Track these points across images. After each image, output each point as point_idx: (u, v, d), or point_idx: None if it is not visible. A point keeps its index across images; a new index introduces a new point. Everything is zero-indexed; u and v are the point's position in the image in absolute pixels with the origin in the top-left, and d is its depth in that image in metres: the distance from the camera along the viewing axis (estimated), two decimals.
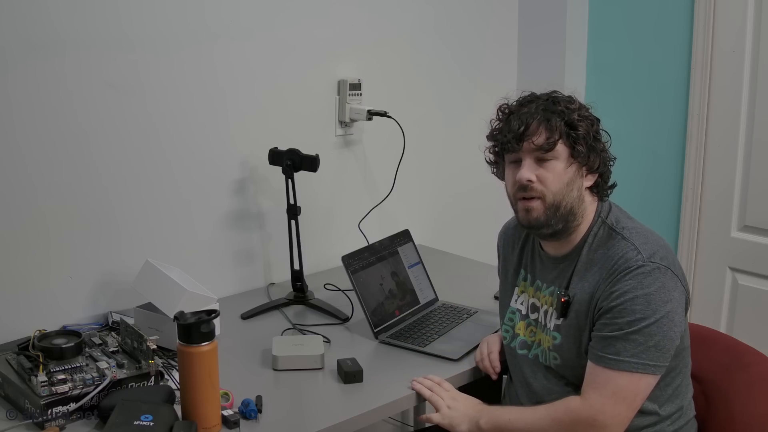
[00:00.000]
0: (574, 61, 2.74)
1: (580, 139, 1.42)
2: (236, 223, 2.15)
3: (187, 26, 1.94)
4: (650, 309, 1.34)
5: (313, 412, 1.50)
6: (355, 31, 2.31)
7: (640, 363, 1.35)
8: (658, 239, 1.43)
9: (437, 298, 2.04)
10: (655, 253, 1.38)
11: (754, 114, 2.35)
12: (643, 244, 1.40)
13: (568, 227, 1.46)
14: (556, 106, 1.44)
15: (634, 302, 1.35)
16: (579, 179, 1.45)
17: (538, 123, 1.43)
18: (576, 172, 1.44)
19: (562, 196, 1.43)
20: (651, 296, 1.35)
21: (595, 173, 1.47)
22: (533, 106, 1.45)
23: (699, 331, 1.69)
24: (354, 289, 1.83)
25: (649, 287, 1.35)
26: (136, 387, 1.44)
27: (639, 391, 1.37)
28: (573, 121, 1.42)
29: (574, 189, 1.44)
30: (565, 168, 1.43)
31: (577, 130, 1.42)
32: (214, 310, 1.37)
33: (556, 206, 1.43)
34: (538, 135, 1.42)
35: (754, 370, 1.53)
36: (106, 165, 1.86)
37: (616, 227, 1.45)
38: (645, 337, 1.34)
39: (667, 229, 2.59)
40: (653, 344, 1.35)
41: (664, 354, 1.36)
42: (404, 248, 2.03)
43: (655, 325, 1.34)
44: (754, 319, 2.42)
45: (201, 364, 1.33)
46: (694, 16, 2.42)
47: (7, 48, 1.66)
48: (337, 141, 2.33)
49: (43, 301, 1.80)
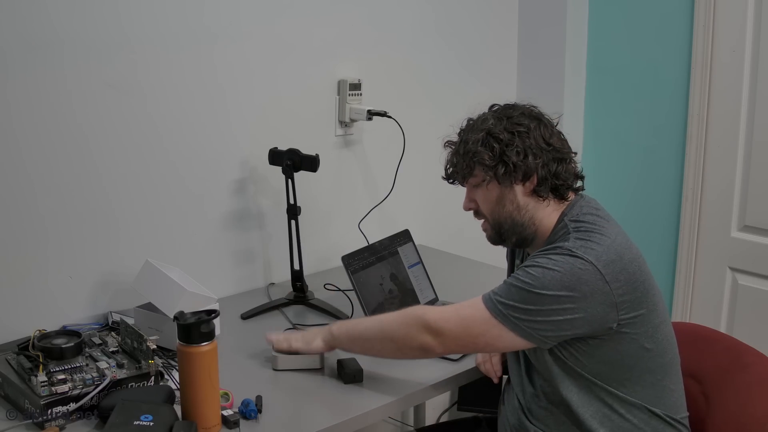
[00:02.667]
0: (574, 62, 2.74)
1: (487, 161, 1.48)
2: (236, 223, 2.15)
3: (187, 26, 1.94)
4: (548, 287, 1.34)
5: (313, 412, 1.50)
6: (355, 31, 2.31)
7: (506, 315, 1.37)
8: (607, 239, 1.39)
9: (437, 298, 2.04)
10: (583, 249, 1.36)
11: (754, 114, 2.35)
12: (580, 239, 1.39)
13: (525, 236, 1.51)
14: (465, 134, 1.53)
15: (534, 268, 1.37)
16: (508, 193, 1.49)
17: (454, 168, 1.56)
18: (503, 189, 1.49)
19: (498, 214, 1.52)
20: (553, 273, 1.35)
21: (532, 180, 1.47)
22: (451, 152, 1.57)
23: (699, 331, 1.69)
24: (354, 289, 1.83)
25: (557, 266, 1.35)
26: (136, 387, 1.44)
27: (485, 333, 1.40)
28: (476, 153, 1.49)
29: (506, 203, 1.50)
30: (489, 190, 1.51)
31: (482, 157, 1.48)
32: (214, 310, 1.37)
33: (499, 224, 1.52)
34: (457, 177, 1.57)
35: (754, 370, 1.53)
36: (106, 165, 1.86)
37: (570, 225, 1.45)
38: (525, 299, 1.35)
39: (667, 229, 2.59)
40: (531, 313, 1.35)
41: (539, 328, 1.36)
42: (404, 248, 2.03)
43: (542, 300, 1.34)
44: (754, 319, 2.42)
45: (201, 364, 1.33)
46: (694, 16, 2.42)
47: (6, 48, 1.66)
48: (337, 141, 2.33)
49: (43, 301, 1.80)
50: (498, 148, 1.47)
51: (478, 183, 1.52)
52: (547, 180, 1.47)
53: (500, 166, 1.47)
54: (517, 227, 1.50)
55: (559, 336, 1.38)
